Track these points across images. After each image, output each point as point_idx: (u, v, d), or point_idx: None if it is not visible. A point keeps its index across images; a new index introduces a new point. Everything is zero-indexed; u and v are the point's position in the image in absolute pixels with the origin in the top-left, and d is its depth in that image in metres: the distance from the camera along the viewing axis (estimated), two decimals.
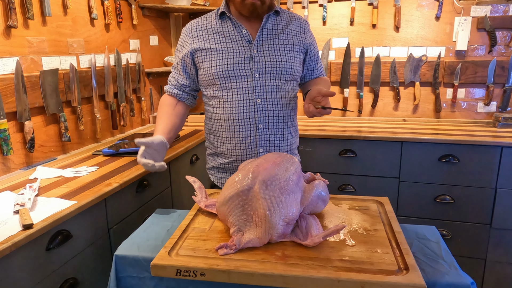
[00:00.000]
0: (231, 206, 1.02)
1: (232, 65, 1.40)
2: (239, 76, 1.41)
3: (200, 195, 1.24)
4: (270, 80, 1.42)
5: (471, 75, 2.56)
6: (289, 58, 1.45)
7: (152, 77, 2.75)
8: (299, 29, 1.51)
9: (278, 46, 1.44)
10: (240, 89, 1.41)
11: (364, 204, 1.24)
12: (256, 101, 1.42)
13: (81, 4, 2.04)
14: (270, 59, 1.42)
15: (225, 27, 1.45)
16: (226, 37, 1.43)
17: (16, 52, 1.68)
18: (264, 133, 1.44)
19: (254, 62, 1.40)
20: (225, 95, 1.43)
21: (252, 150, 1.45)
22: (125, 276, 1.03)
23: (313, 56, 1.56)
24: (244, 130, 1.44)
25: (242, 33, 1.43)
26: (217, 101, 1.46)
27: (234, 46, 1.42)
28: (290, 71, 1.45)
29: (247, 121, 1.43)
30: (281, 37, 1.46)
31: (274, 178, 1.02)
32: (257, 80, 1.41)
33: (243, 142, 1.45)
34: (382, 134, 2.30)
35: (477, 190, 2.18)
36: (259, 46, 1.42)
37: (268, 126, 1.44)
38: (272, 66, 1.41)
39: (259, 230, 0.97)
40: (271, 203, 0.98)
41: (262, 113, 1.43)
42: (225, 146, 1.49)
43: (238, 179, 1.04)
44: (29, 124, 1.71)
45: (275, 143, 1.47)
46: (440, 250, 1.02)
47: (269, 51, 1.42)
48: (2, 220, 1.21)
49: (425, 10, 2.59)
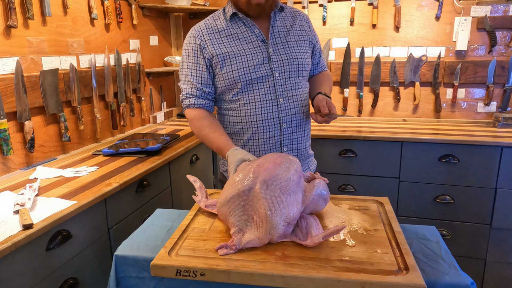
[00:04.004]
0: (232, 206, 1.02)
1: (254, 67, 1.37)
2: (261, 77, 1.38)
3: (201, 195, 1.24)
4: (290, 78, 1.42)
5: (471, 75, 2.56)
6: (303, 54, 1.45)
7: (152, 77, 2.75)
8: (305, 23, 1.52)
9: (291, 43, 1.44)
10: (262, 90, 1.39)
11: (364, 204, 1.23)
12: (279, 101, 1.40)
13: (81, 4, 2.04)
14: (287, 57, 1.41)
15: (237, 28, 1.42)
16: (241, 39, 1.40)
17: (16, 52, 1.68)
18: (288, 132, 1.43)
19: (272, 61, 1.39)
20: (246, 97, 1.40)
21: (276, 150, 1.44)
22: (125, 276, 1.03)
23: (317, 50, 1.57)
24: (269, 131, 1.42)
25: (255, 33, 1.40)
26: (238, 104, 1.42)
27: (250, 47, 1.39)
28: (305, 67, 1.46)
29: (271, 121, 1.41)
30: (292, 34, 1.46)
31: (275, 178, 1.02)
32: (278, 79, 1.40)
33: (267, 142, 1.43)
34: (382, 134, 2.30)
35: (477, 190, 2.18)
36: (273, 45, 1.41)
37: (292, 124, 1.43)
38: (290, 64, 1.41)
39: (259, 230, 0.97)
40: (272, 203, 0.98)
41: (285, 112, 1.41)
42: (247, 148, 1.46)
43: (238, 180, 1.04)
44: (29, 124, 1.71)
45: (298, 140, 1.46)
46: (440, 250, 1.02)
47: (284, 49, 1.42)
48: (2, 220, 1.21)
49: (425, 10, 2.59)
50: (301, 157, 1.50)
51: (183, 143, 2.16)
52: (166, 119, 2.88)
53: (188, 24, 3.03)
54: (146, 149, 1.93)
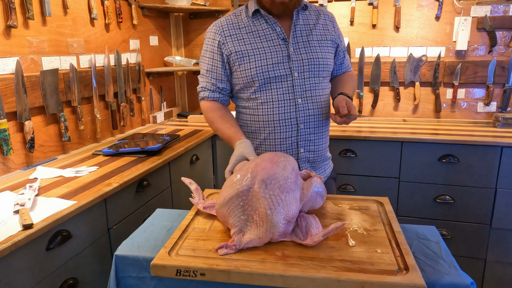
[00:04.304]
0: (231, 207, 1.02)
1: (272, 65, 1.36)
2: (279, 77, 1.37)
3: (198, 197, 1.24)
4: (309, 78, 1.39)
5: (471, 75, 2.56)
6: (324, 54, 1.42)
7: (152, 77, 2.75)
8: (329, 23, 1.48)
9: (313, 43, 1.41)
10: (280, 89, 1.38)
11: (364, 204, 1.23)
12: (297, 101, 1.38)
13: (81, 4, 2.04)
14: (307, 57, 1.38)
15: (258, 25, 1.40)
16: (261, 37, 1.39)
17: (16, 52, 1.68)
18: (305, 133, 1.41)
19: (292, 61, 1.37)
20: (264, 96, 1.39)
21: (292, 150, 1.42)
22: (125, 276, 1.03)
23: (341, 50, 1.54)
24: (285, 131, 1.40)
25: (277, 31, 1.39)
26: (255, 103, 1.41)
27: (270, 45, 1.37)
28: (326, 67, 1.43)
29: (288, 121, 1.39)
30: (314, 33, 1.43)
31: (273, 177, 1.02)
32: (297, 79, 1.38)
33: (283, 143, 1.42)
34: (382, 134, 2.30)
35: (477, 190, 2.18)
36: (294, 44, 1.39)
37: (309, 125, 1.41)
38: (310, 64, 1.39)
39: (260, 230, 0.97)
40: (271, 202, 0.98)
41: (303, 113, 1.39)
42: (263, 147, 1.45)
43: (236, 180, 1.04)
44: (29, 124, 1.71)
45: (315, 142, 1.44)
46: (440, 250, 1.02)
47: (305, 49, 1.39)
48: (2, 220, 1.21)
49: (425, 10, 2.59)
50: (318, 159, 1.47)
51: (183, 143, 2.16)
52: (166, 119, 2.88)
53: (188, 24, 3.04)
54: (146, 149, 1.93)
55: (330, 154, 1.59)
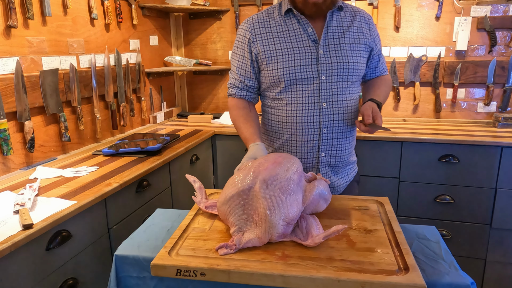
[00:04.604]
0: (232, 205, 1.02)
1: (299, 67, 1.33)
2: (305, 79, 1.34)
3: (200, 196, 1.24)
4: (337, 83, 1.35)
5: (471, 75, 2.56)
6: (356, 58, 1.37)
7: (152, 77, 2.75)
8: (364, 25, 1.42)
9: (345, 46, 1.36)
10: (305, 92, 1.35)
11: (364, 204, 1.23)
12: (322, 105, 1.35)
13: (81, 4, 2.04)
14: (336, 60, 1.34)
15: (290, 25, 1.37)
16: (292, 37, 1.36)
17: (16, 52, 1.68)
18: (327, 138, 1.38)
19: (320, 63, 1.34)
20: (289, 97, 1.37)
21: (314, 154, 1.40)
22: (125, 276, 1.03)
23: (376, 53, 1.47)
24: (307, 134, 1.38)
25: (308, 32, 1.35)
26: (280, 103, 1.40)
27: (299, 46, 1.35)
28: (356, 72, 1.38)
29: (310, 125, 1.37)
30: (347, 36, 1.38)
31: (275, 178, 1.02)
32: (324, 83, 1.34)
33: (304, 145, 1.40)
34: (382, 134, 2.30)
35: (477, 190, 2.18)
36: (325, 46, 1.35)
37: (333, 130, 1.38)
38: (339, 68, 1.34)
39: (259, 230, 0.97)
40: (271, 203, 0.98)
41: (327, 117, 1.36)
42: (284, 148, 1.44)
43: (238, 179, 1.04)
44: (29, 124, 1.71)
45: (338, 147, 1.41)
46: (440, 250, 1.02)
47: (336, 51, 1.35)
48: (2, 220, 1.21)
49: (425, 10, 2.59)
50: (340, 164, 1.45)
51: (183, 143, 2.16)
52: (166, 119, 2.88)
53: (188, 24, 3.04)
54: (146, 149, 1.93)
55: (355, 158, 1.55)
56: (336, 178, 1.46)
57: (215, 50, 3.03)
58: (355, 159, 1.55)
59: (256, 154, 1.26)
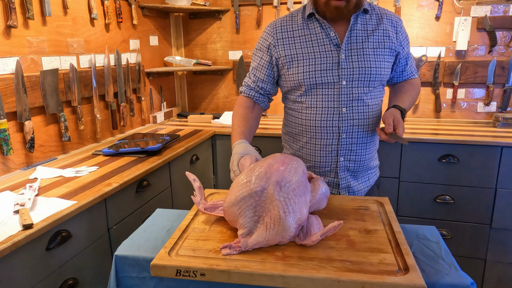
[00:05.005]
0: (243, 207, 1.00)
1: (320, 71, 1.33)
2: (326, 83, 1.34)
3: (200, 196, 1.23)
4: (358, 88, 1.34)
5: (471, 75, 2.56)
6: (379, 63, 1.34)
7: (152, 77, 2.75)
8: (390, 28, 1.38)
9: (368, 50, 1.33)
10: (325, 96, 1.35)
11: (364, 204, 1.23)
12: (341, 110, 1.34)
13: (81, 4, 2.04)
14: (358, 65, 1.32)
15: (312, 29, 1.37)
16: (313, 41, 1.36)
17: (16, 52, 1.68)
18: (346, 143, 1.37)
19: (341, 68, 1.32)
20: (309, 101, 1.37)
21: (332, 158, 1.40)
22: (125, 276, 1.03)
23: (403, 57, 1.43)
24: (326, 138, 1.38)
25: (330, 36, 1.34)
26: (300, 106, 1.40)
27: (321, 50, 1.34)
28: (379, 77, 1.36)
29: (329, 129, 1.36)
30: (371, 40, 1.35)
31: (287, 180, 1.00)
32: (344, 88, 1.33)
33: (323, 149, 1.39)
34: None
35: (477, 190, 2.18)
36: (347, 50, 1.33)
37: (352, 135, 1.37)
38: (361, 73, 1.32)
39: (269, 232, 0.96)
40: (285, 205, 0.96)
41: (346, 123, 1.35)
42: (304, 150, 1.44)
43: (248, 180, 1.02)
44: (29, 124, 1.71)
45: (357, 152, 1.39)
46: (440, 250, 1.02)
47: (358, 56, 1.33)
48: (2, 220, 1.21)
49: (425, 10, 2.59)
50: (359, 169, 1.43)
51: (183, 143, 2.16)
52: (166, 119, 2.88)
53: (188, 24, 3.04)
54: (146, 149, 1.93)
55: (377, 162, 1.53)
56: (356, 182, 1.45)
57: (215, 50, 3.03)
58: (377, 164, 1.53)
59: (248, 151, 1.24)
